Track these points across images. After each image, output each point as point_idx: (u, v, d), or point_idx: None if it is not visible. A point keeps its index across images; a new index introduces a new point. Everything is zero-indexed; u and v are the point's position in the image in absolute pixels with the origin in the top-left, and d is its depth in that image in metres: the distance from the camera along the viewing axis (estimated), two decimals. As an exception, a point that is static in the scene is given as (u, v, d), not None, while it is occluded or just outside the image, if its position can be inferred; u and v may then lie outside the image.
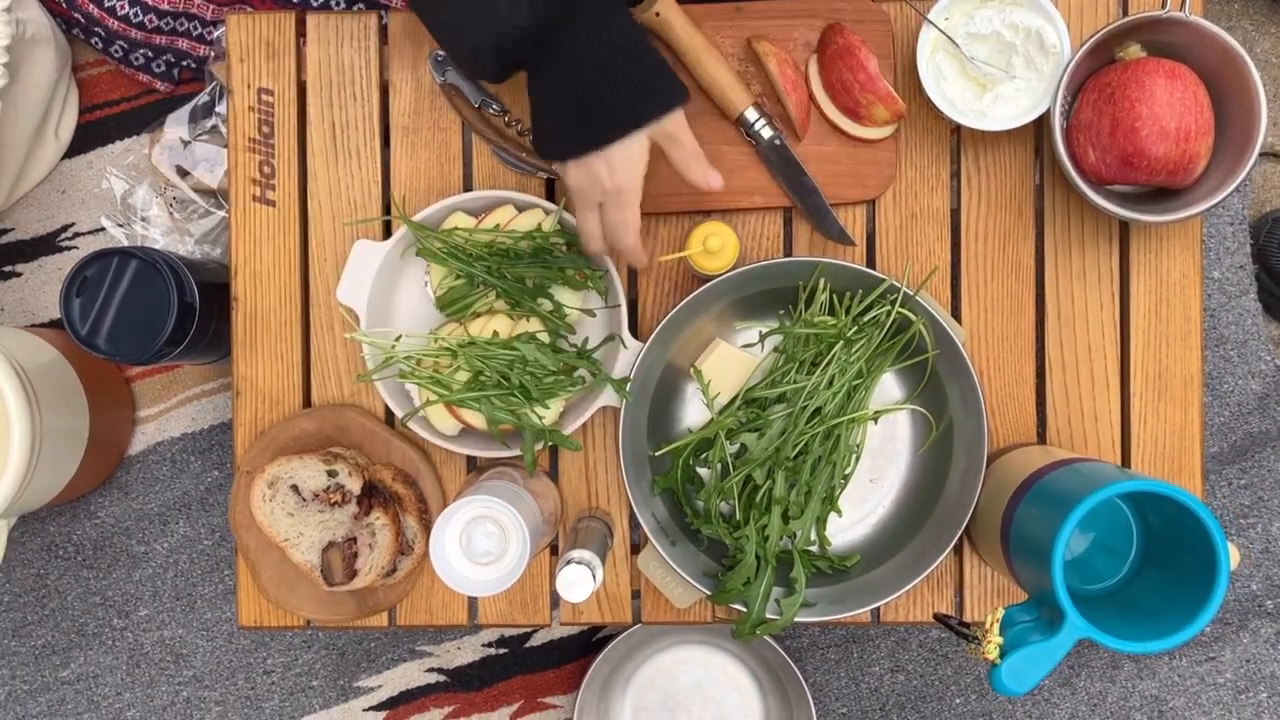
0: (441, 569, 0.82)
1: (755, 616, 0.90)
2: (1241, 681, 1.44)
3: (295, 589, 0.97)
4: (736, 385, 0.95)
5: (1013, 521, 0.84)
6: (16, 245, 1.42)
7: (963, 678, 1.44)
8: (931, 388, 0.94)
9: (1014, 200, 0.98)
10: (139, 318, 1.11)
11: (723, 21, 0.96)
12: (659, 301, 0.99)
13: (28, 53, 1.26)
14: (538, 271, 0.92)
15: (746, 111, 0.94)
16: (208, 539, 1.42)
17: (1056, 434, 0.98)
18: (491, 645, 1.44)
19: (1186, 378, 0.97)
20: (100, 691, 1.43)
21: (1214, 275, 1.43)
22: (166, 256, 1.13)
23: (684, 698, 1.37)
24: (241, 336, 0.99)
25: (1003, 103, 0.92)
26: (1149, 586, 0.83)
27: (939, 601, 0.98)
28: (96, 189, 1.42)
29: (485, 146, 0.98)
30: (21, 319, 1.42)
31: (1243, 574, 1.44)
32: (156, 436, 1.42)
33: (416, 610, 0.99)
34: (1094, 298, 0.98)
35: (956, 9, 0.92)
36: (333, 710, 1.44)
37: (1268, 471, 1.44)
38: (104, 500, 1.42)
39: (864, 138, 0.95)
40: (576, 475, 0.99)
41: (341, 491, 0.94)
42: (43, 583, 1.42)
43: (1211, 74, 0.89)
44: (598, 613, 0.99)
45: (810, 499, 0.92)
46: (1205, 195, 0.89)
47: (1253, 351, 1.43)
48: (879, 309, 0.91)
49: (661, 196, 0.96)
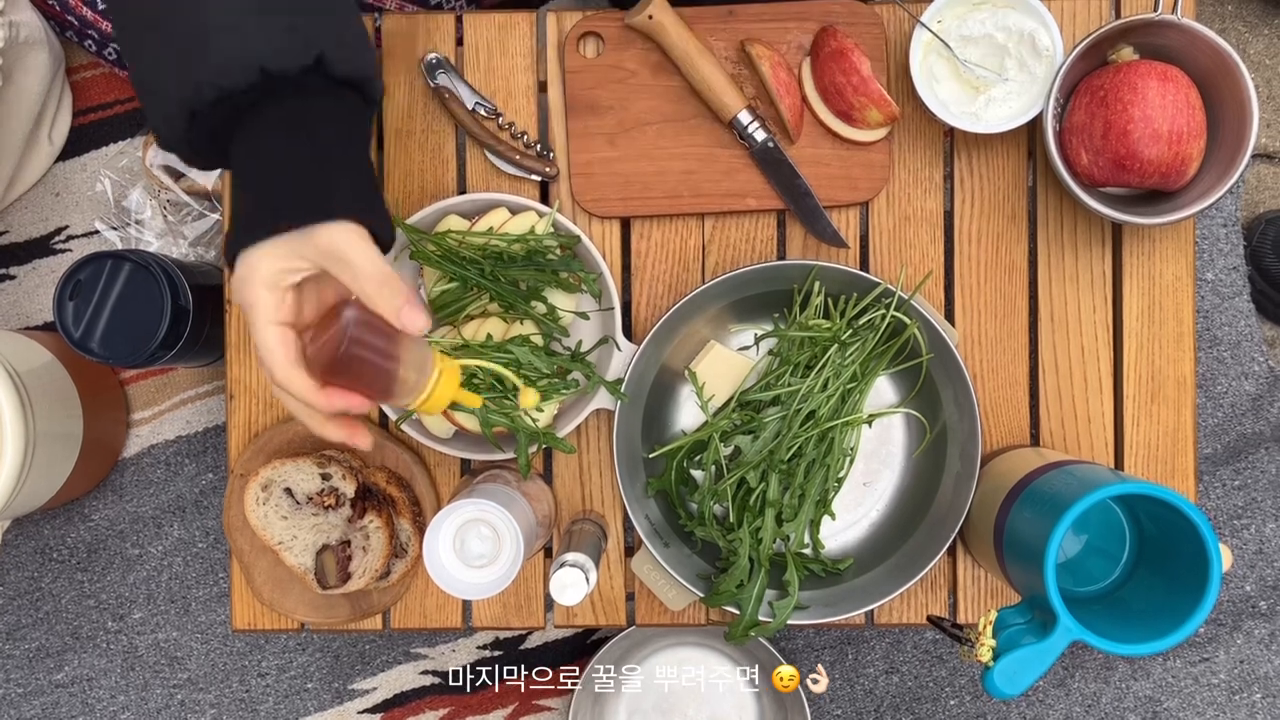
0: (435, 572, 0.82)
1: (748, 619, 0.90)
2: (1235, 682, 1.44)
3: (290, 592, 0.97)
4: (731, 388, 0.95)
5: (1006, 524, 0.84)
6: (10, 248, 1.42)
7: (957, 679, 1.44)
8: (925, 391, 0.95)
9: (1007, 203, 0.98)
10: (133, 320, 1.11)
11: (716, 24, 0.96)
12: (653, 304, 0.99)
13: (21, 56, 1.25)
14: (531, 274, 0.92)
15: (740, 114, 0.94)
16: (202, 542, 1.42)
17: (1050, 436, 0.98)
18: (486, 648, 1.44)
19: (1179, 380, 0.98)
20: (95, 695, 1.42)
21: (1207, 277, 1.43)
22: (160, 259, 1.13)
23: (679, 700, 1.37)
24: (235, 339, 0.99)
25: (995, 105, 0.93)
26: (1141, 589, 0.84)
27: (933, 604, 0.98)
28: (90, 192, 1.41)
29: (478, 149, 0.98)
30: (15, 322, 1.42)
31: (1236, 575, 1.44)
32: (150, 439, 1.42)
33: (411, 613, 0.99)
34: (1087, 300, 0.98)
35: (949, 12, 0.93)
36: (328, 713, 1.44)
37: (1261, 473, 1.44)
38: (98, 503, 1.41)
39: (857, 140, 0.96)
40: (570, 478, 0.99)
41: (335, 495, 0.94)
42: (37, 586, 1.42)
43: (1204, 76, 0.89)
44: (592, 615, 0.99)
45: (804, 502, 0.92)
46: (1198, 197, 0.89)
47: (1246, 353, 1.44)
48: (874, 312, 0.92)
49: (656, 198, 0.96)
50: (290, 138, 0.64)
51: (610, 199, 0.97)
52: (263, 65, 0.63)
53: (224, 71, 0.62)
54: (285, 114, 0.64)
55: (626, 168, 0.96)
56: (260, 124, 0.64)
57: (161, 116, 0.66)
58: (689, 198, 0.97)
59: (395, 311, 0.63)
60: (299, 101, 0.65)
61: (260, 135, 0.64)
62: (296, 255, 0.63)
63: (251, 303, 0.63)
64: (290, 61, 0.64)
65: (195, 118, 0.64)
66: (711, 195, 0.97)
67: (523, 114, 0.98)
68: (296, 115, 0.64)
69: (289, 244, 0.62)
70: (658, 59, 0.96)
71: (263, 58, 0.63)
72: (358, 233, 0.63)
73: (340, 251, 0.62)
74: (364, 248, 0.63)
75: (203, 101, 0.63)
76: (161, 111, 0.65)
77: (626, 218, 0.98)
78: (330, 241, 0.62)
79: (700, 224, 0.98)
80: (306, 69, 0.64)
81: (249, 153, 0.64)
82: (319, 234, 0.62)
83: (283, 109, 0.64)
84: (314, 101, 0.65)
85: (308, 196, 0.63)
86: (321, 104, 0.66)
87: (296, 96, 0.65)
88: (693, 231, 0.98)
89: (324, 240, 0.62)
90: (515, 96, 0.98)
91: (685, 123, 0.96)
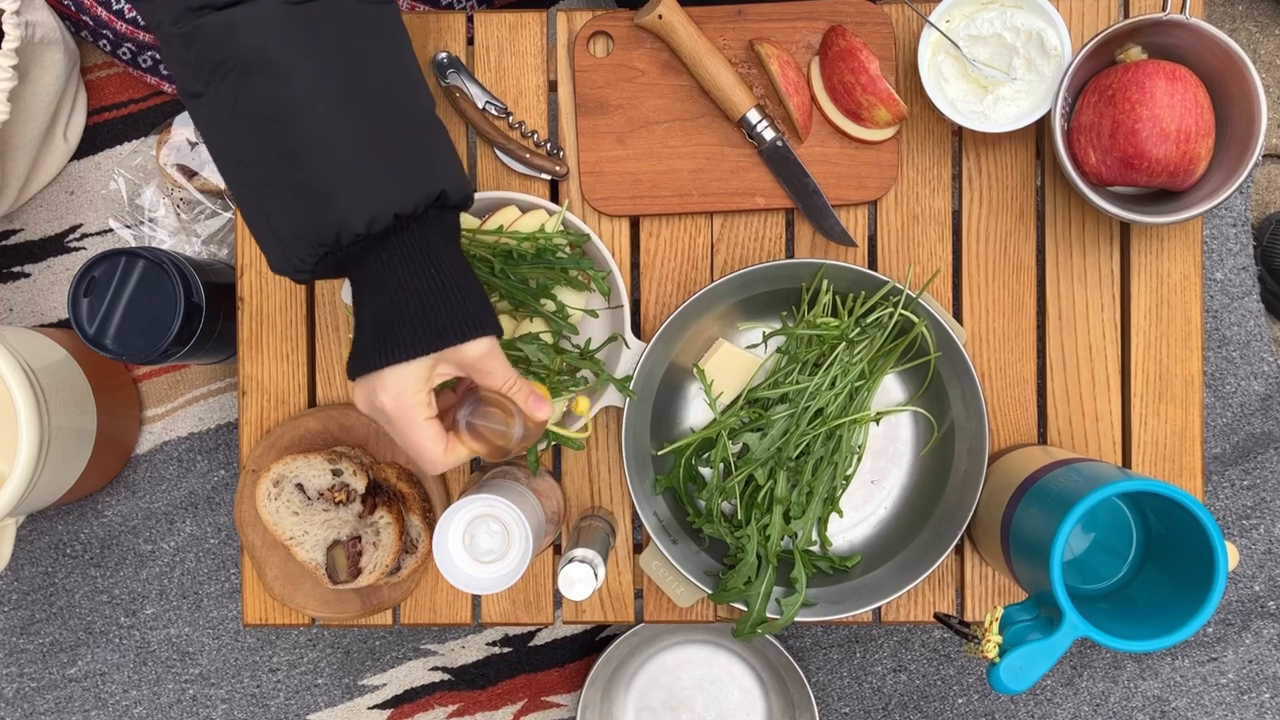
0: (445, 567, 0.82)
1: (756, 616, 0.90)
2: (1244, 682, 1.44)
3: (300, 587, 0.98)
4: (739, 385, 0.96)
5: (1013, 521, 0.84)
6: (25, 246, 1.43)
7: (965, 677, 1.44)
8: (933, 389, 0.95)
9: (1015, 202, 0.98)
10: (146, 318, 1.12)
11: (725, 24, 0.96)
12: (661, 302, 0.99)
13: (37, 55, 1.27)
14: (541, 272, 0.92)
15: (749, 113, 0.95)
16: (214, 538, 1.43)
17: (1057, 434, 0.98)
18: (495, 644, 1.45)
19: (1187, 378, 0.98)
20: (107, 689, 1.44)
21: (1217, 277, 1.43)
22: (173, 257, 1.14)
23: (687, 697, 1.38)
24: (247, 336, 1.00)
25: (1004, 104, 0.93)
26: (1148, 586, 0.84)
27: (940, 601, 0.98)
28: (104, 190, 1.43)
29: (489, 149, 0.99)
30: (30, 319, 1.43)
31: (1245, 575, 1.44)
32: (163, 436, 1.43)
33: (420, 609, 1.00)
34: (1095, 299, 0.98)
35: (957, 11, 0.93)
36: (338, 708, 1.45)
37: (1270, 473, 1.44)
38: (111, 499, 1.43)
39: (865, 139, 0.96)
40: (579, 474, 0.99)
41: (346, 490, 0.95)
42: (50, 581, 1.43)
43: (1212, 76, 0.89)
44: (600, 612, 0.99)
45: (812, 499, 0.93)
46: (1206, 197, 0.89)
47: (1255, 353, 1.43)
48: (881, 311, 0.92)
49: (665, 197, 0.97)
50: (421, 268, 0.72)
51: (619, 197, 0.97)
52: (397, 212, 0.69)
53: (363, 221, 0.68)
54: (411, 244, 0.72)
55: (636, 166, 0.97)
56: (388, 255, 0.71)
57: (284, 251, 0.72)
58: (698, 196, 0.97)
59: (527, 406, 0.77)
60: (421, 231, 0.72)
61: (393, 268, 0.71)
62: (440, 365, 0.73)
63: (407, 406, 0.72)
64: (420, 202, 0.70)
65: (326, 255, 0.70)
66: (720, 194, 0.97)
67: (533, 113, 0.99)
68: (421, 245, 0.72)
69: (434, 359, 0.72)
70: (667, 58, 0.96)
71: (397, 205, 0.69)
72: (494, 345, 0.74)
73: (484, 365, 0.74)
74: (500, 358, 0.75)
75: (340, 244, 0.69)
76: (286, 247, 0.71)
77: (635, 216, 0.99)
78: (476, 357, 0.73)
79: (709, 222, 0.99)
80: (430, 205, 0.71)
81: (381, 283, 0.72)
82: (465, 350, 0.72)
83: (407, 240, 0.71)
84: (432, 229, 0.73)
85: (450, 320, 0.72)
86: (438, 229, 0.73)
87: (419, 227, 0.72)
88: (701, 230, 0.99)
89: (470, 356, 0.73)
90: (525, 95, 0.99)
91: (694, 121, 0.97)
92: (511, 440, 0.77)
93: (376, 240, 0.70)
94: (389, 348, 0.71)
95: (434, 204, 0.72)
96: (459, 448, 0.76)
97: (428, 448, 0.74)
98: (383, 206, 0.69)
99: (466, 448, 0.76)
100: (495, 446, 0.77)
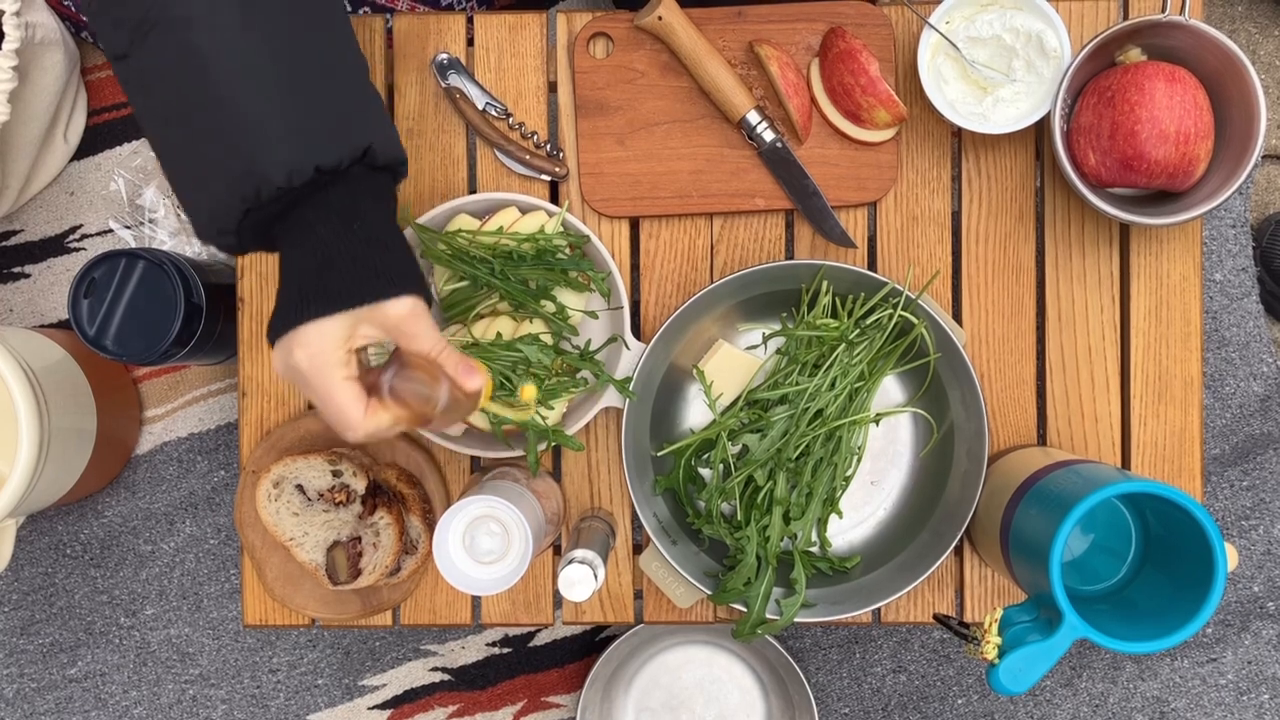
0: (445, 568, 0.82)
1: (755, 616, 0.90)
2: (1243, 683, 1.44)
3: (300, 588, 0.98)
4: (739, 386, 0.96)
5: (1012, 522, 0.84)
6: (25, 247, 1.43)
7: (965, 678, 1.44)
8: (933, 390, 0.95)
9: (1014, 203, 0.99)
10: (146, 319, 1.12)
11: (725, 25, 0.96)
12: (661, 303, 0.99)
13: (37, 56, 1.27)
14: (541, 273, 0.92)
15: (748, 115, 0.95)
16: (214, 538, 1.43)
17: (1057, 435, 0.98)
18: (495, 645, 1.45)
19: (1186, 380, 0.98)
20: (107, 690, 1.44)
21: (1216, 278, 1.43)
22: (173, 258, 1.14)
23: (686, 697, 1.38)
24: (247, 337, 1.00)
25: (1003, 106, 0.93)
26: (1147, 587, 0.84)
27: (939, 602, 0.98)
28: (104, 191, 1.43)
29: (489, 149, 0.99)
30: (30, 320, 1.43)
31: (1244, 576, 1.44)
32: (163, 436, 1.43)
33: (420, 609, 1.00)
34: (1094, 300, 0.98)
35: (957, 13, 0.93)
36: (338, 709, 1.45)
37: (1269, 474, 1.44)
38: (111, 500, 1.43)
39: (865, 141, 0.96)
40: (579, 475, 0.99)
41: (346, 491, 0.95)
42: (50, 581, 1.43)
43: (1211, 77, 0.89)
44: (600, 612, 0.99)
45: (811, 500, 0.93)
46: (1205, 198, 0.89)
47: (1254, 354, 1.44)
48: (881, 312, 0.92)
49: (665, 198, 0.97)
50: (344, 224, 0.70)
51: (619, 199, 0.97)
52: (318, 165, 0.68)
53: (282, 173, 0.67)
54: (335, 202, 0.70)
55: (635, 168, 0.97)
56: (312, 213, 0.70)
57: (209, 213, 0.70)
58: (697, 197, 0.97)
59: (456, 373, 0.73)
60: (346, 188, 0.70)
61: (315, 224, 0.69)
62: (361, 325, 0.70)
63: (323, 365, 0.69)
64: (342, 157, 0.69)
65: (249, 214, 0.69)
66: (720, 195, 0.97)
67: (533, 114, 0.99)
68: (346, 203, 0.70)
69: (354, 316, 0.69)
70: (667, 59, 0.97)
71: (318, 158, 0.68)
72: (419, 306, 0.71)
73: (406, 325, 0.70)
74: (426, 321, 0.71)
75: (260, 200, 0.68)
76: (210, 208, 0.70)
77: (635, 217, 0.99)
78: (399, 317, 0.70)
79: (709, 224, 0.99)
80: (354, 161, 0.70)
81: (303, 240, 0.70)
82: (386, 309, 0.69)
83: (332, 197, 0.70)
84: (358, 187, 0.71)
85: (372, 277, 0.69)
86: (365, 188, 0.71)
87: (343, 184, 0.70)
88: (701, 231, 0.99)
89: (392, 315, 0.70)
90: (525, 97, 0.99)
91: (694, 123, 0.97)
92: (436, 407, 0.73)
93: (300, 196, 0.69)
94: (306, 303, 0.69)
95: (360, 161, 0.70)
96: (381, 413, 0.72)
97: (345, 409, 0.70)
98: (303, 159, 0.67)
99: (389, 413, 0.72)
100: (418, 413, 0.73)
